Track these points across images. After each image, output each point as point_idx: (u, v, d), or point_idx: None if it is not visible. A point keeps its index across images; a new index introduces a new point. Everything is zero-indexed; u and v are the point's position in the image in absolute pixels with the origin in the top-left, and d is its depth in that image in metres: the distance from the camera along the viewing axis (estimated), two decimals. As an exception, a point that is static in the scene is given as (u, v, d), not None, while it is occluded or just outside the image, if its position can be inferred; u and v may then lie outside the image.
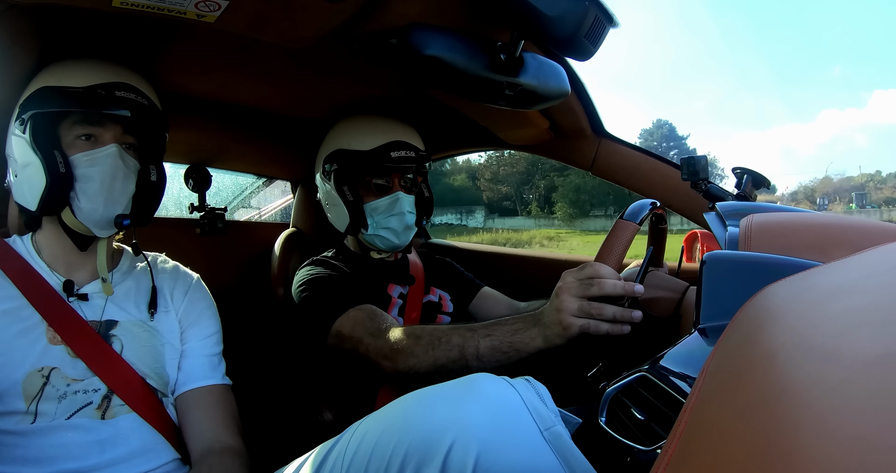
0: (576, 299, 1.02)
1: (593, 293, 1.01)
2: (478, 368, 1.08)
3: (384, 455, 0.73)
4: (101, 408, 1.01)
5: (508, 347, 1.07)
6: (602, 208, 47.47)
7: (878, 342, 0.28)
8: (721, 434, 0.28)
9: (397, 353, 1.18)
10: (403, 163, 1.51)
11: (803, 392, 0.26)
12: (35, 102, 1.05)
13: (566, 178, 45.88)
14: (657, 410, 0.69)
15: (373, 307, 1.36)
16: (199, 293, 1.26)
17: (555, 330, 1.03)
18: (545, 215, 50.35)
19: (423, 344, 1.15)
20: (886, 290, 0.37)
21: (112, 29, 1.11)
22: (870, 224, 0.79)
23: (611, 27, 1.00)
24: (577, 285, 1.03)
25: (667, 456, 0.31)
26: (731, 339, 0.40)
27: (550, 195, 50.13)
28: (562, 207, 47.26)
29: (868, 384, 0.24)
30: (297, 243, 1.91)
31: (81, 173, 1.04)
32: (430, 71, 1.01)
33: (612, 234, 1.07)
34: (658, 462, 0.32)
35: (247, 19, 0.99)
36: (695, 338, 0.70)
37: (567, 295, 1.03)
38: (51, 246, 1.10)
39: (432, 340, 1.15)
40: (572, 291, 1.03)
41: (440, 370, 1.12)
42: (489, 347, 1.08)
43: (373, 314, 1.33)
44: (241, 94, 1.54)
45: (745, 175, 1.37)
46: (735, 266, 0.69)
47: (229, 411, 1.17)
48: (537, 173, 52.35)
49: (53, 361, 0.99)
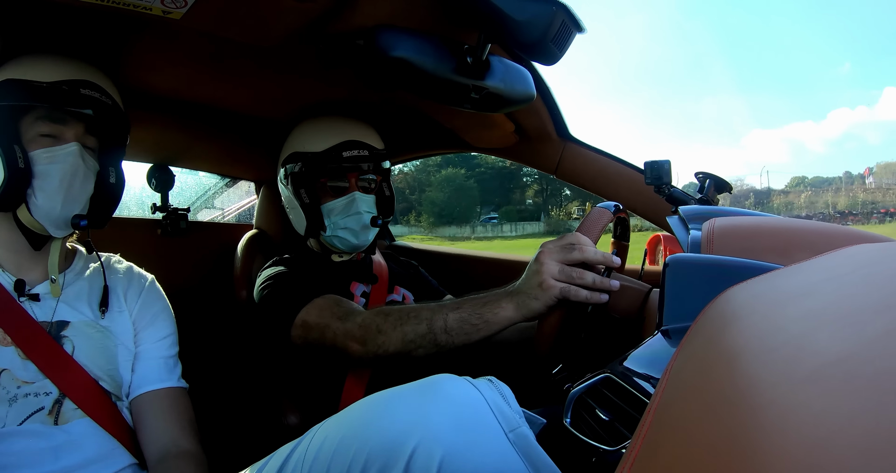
0: (556, 262, 1.03)
1: (575, 258, 1.03)
2: (446, 343, 1.09)
3: (345, 461, 0.71)
4: (52, 413, 0.98)
5: (478, 318, 1.08)
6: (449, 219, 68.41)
7: (839, 342, 0.28)
8: (685, 434, 0.28)
9: (366, 331, 1.18)
10: (356, 162, 1.50)
11: (765, 392, 0.26)
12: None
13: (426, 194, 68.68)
14: (621, 410, 0.69)
15: (337, 296, 1.35)
16: (153, 295, 1.24)
17: (533, 294, 1.04)
18: (416, 223, 70.02)
19: (392, 320, 1.15)
20: (846, 292, 0.37)
21: (77, 23, 1.08)
22: (830, 228, 0.80)
23: (577, 32, 1.01)
24: (559, 249, 1.05)
25: (631, 456, 0.32)
26: (693, 340, 0.41)
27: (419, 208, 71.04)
28: (426, 217, 68.94)
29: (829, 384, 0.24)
30: (261, 245, 1.89)
31: (40, 170, 1.02)
32: (397, 73, 1.01)
33: (591, 215, 1.08)
34: (623, 462, 0.32)
35: (213, 16, 0.98)
36: (658, 339, 0.70)
37: (548, 258, 1.04)
38: (2, 245, 1.07)
39: (401, 315, 1.15)
40: (553, 255, 1.04)
41: (409, 348, 1.11)
42: (458, 318, 1.09)
43: (338, 300, 1.32)
44: (206, 92, 1.52)
45: (707, 180, 1.39)
46: (698, 269, 0.70)
47: (186, 414, 1.15)
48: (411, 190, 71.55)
49: (3, 362, 0.97)
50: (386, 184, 1.64)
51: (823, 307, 0.35)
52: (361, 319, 1.21)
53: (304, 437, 0.82)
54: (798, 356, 0.28)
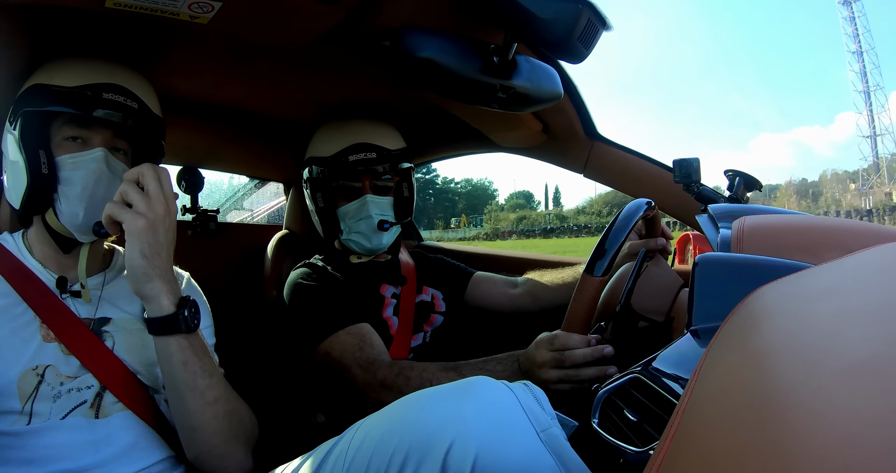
0: (554, 370, 1.08)
1: (566, 366, 1.07)
2: None
3: (385, 454, 0.74)
4: (94, 407, 1.00)
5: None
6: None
7: (868, 342, 0.28)
8: (713, 435, 0.28)
9: (387, 390, 1.23)
10: (364, 165, 1.51)
11: (793, 393, 0.26)
12: (26, 100, 1.04)
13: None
14: (650, 411, 0.69)
15: (362, 331, 1.38)
16: (191, 289, 1.25)
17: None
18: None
19: (413, 386, 1.19)
20: (876, 291, 0.37)
21: (108, 29, 1.10)
22: (861, 226, 0.79)
23: (604, 30, 1.00)
24: (551, 359, 1.09)
25: (659, 457, 0.32)
26: (722, 340, 0.40)
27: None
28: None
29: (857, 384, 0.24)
30: (290, 245, 1.91)
31: (65, 176, 1.03)
32: (423, 73, 1.01)
33: (577, 295, 1.08)
34: (650, 464, 0.32)
35: (240, 21, 0.99)
36: (687, 340, 0.70)
37: (545, 370, 1.09)
38: (41, 245, 1.09)
39: (422, 382, 1.19)
40: (549, 365, 1.09)
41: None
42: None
43: (362, 340, 1.35)
44: (232, 95, 1.54)
45: (736, 177, 1.37)
46: (727, 268, 0.69)
47: None
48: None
49: (48, 359, 0.99)
50: (406, 184, 1.64)
51: (852, 306, 0.34)
52: (383, 376, 1.26)
53: (346, 433, 0.86)
54: (826, 356, 0.28)
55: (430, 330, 1.58)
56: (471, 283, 1.72)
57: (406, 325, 1.53)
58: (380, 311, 1.52)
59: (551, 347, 1.10)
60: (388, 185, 1.57)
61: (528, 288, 1.64)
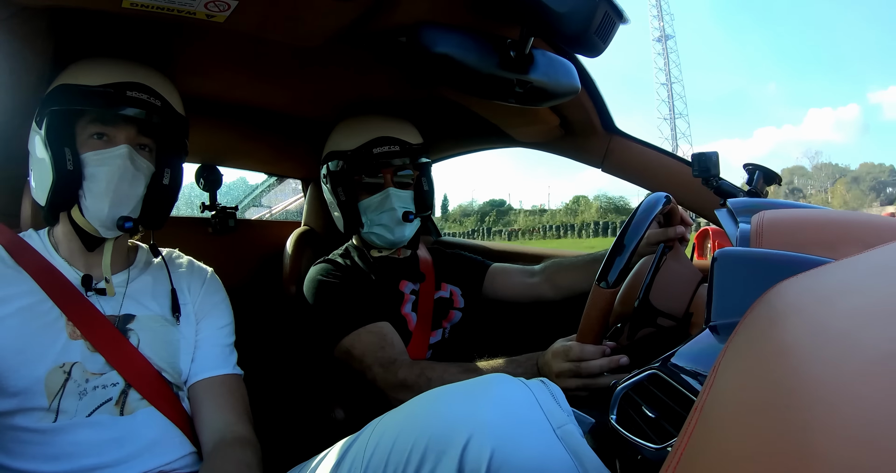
0: (572, 380, 1.10)
1: (584, 376, 1.09)
2: None
3: (404, 450, 0.76)
4: (119, 404, 1.02)
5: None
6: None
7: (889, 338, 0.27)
8: (731, 432, 0.28)
9: (407, 390, 1.24)
10: (387, 158, 1.51)
11: (813, 390, 0.26)
12: (52, 100, 1.05)
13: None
14: (668, 408, 0.68)
15: (383, 330, 1.39)
16: (214, 286, 1.27)
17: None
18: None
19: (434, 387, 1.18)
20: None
21: (128, 29, 1.11)
22: (881, 221, 0.78)
23: (621, 23, 1.00)
24: (568, 370, 1.10)
25: (677, 454, 0.31)
26: (742, 336, 0.40)
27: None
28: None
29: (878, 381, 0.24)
30: (309, 242, 1.92)
31: (90, 173, 1.05)
32: (440, 69, 1.01)
33: (589, 306, 1.08)
34: (669, 460, 0.32)
35: (256, 19, 1.00)
36: (706, 335, 0.69)
37: (563, 379, 1.11)
38: (67, 242, 1.11)
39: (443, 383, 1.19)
40: (566, 375, 1.11)
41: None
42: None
43: (383, 339, 1.36)
44: (249, 93, 1.55)
45: (756, 171, 1.36)
46: (746, 263, 0.68)
47: (241, 401, 1.17)
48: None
49: (74, 356, 1.00)
50: (425, 179, 1.64)
51: (872, 302, 0.34)
52: (404, 376, 1.27)
53: (365, 429, 0.88)
54: (846, 353, 0.28)
55: (448, 326, 1.59)
56: (488, 275, 1.72)
57: (425, 321, 1.53)
58: (398, 307, 1.52)
59: (567, 358, 1.10)
60: (409, 180, 1.58)
61: (546, 276, 1.64)
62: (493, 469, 0.69)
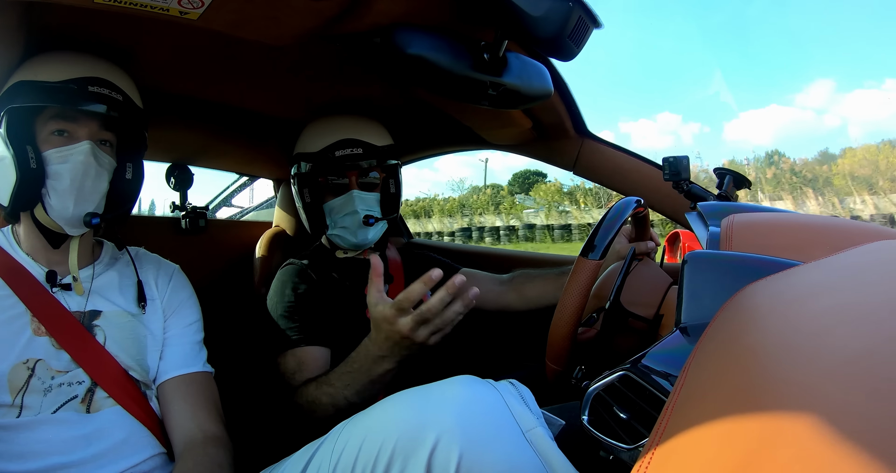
0: (422, 329, 1.08)
1: (431, 318, 1.07)
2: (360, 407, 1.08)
3: (371, 453, 0.76)
4: (85, 401, 1.00)
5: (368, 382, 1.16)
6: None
7: (856, 340, 0.28)
8: (702, 431, 0.28)
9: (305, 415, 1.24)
10: (349, 161, 1.50)
11: (782, 390, 0.26)
12: (11, 97, 1.04)
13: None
14: (639, 408, 0.69)
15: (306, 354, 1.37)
16: (181, 282, 1.26)
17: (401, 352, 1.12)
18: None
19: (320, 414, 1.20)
20: (864, 289, 0.37)
21: (94, 24, 1.09)
22: (849, 224, 0.80)
23: (594, 28, 1.00)
24: (414, 323, 1.08)
25: (649, 454, 0.32)
26: (712, 338, 0.41)
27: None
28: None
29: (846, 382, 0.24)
30: (280, 243, 1.90)
31: (53, 170, 1.03)
32: (414, 70, 1.01)
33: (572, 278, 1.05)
34: (641, 460, 0.32)
35: (230, 17, 0.98)
36: (676, 337, 0.70)
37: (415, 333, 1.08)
38: (29, 239, 1.09)
39: (315, 407, 1.21)
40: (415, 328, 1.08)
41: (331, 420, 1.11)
42: (354, 393, 1.16)
43: (300, 365, 1.35)
44: (223, 92, 1.53)
45: (726, 175, 1.37)
46: (716, 266, 0.69)
47: (212, 399, 1.16)
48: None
49: (38, 353, 0.99)
50: (393, 181, 1.63)
51: (842, 304, 0.34)
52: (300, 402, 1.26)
53: (331, 433, 0.87)
54: (816, 354, 0.28)
55: None
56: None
57: None
58: (364, 310, 1.51)
59: (403, 313, 1.09)
60: (375, 181, 1.57)
61: (514, 286, 1.64)
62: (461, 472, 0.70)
